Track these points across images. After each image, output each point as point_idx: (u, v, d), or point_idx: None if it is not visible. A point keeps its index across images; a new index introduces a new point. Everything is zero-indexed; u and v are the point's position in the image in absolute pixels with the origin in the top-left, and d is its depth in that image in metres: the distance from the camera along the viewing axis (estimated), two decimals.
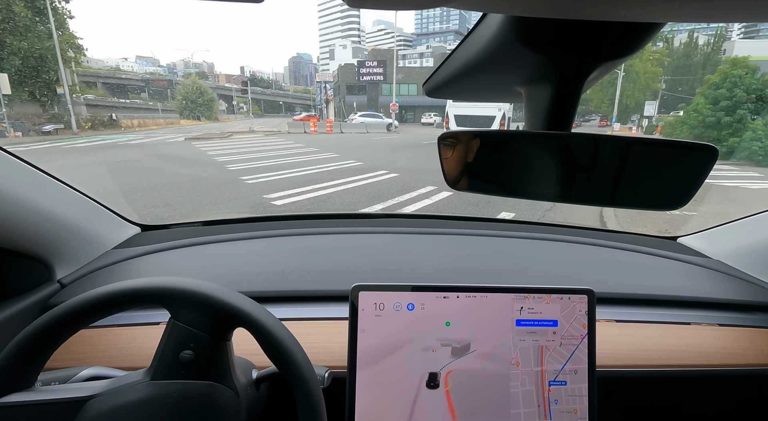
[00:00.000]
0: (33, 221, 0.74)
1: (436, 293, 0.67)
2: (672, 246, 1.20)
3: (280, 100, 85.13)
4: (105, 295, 0.51)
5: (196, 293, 0.52)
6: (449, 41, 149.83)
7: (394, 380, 0.66)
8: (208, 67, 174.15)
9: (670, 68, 36.27)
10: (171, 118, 37.53)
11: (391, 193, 6.57)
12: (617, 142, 0.45)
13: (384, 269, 1.01)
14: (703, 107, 16.19)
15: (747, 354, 0.82)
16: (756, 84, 15.61)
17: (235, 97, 69.51)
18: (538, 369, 0.67)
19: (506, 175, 0.51)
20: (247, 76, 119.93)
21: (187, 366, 0.52)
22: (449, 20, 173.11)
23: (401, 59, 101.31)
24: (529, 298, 0.67)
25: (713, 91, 16.21)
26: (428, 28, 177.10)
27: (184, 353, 0.52)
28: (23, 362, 0.51)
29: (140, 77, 66.50)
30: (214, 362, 0.54)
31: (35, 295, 0.78)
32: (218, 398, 0.53)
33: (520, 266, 1.06)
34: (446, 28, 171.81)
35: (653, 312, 0.90)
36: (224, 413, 0.53)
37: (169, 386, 0.52)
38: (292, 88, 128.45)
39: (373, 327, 0.66)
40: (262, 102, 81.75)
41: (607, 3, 0.27)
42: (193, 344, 0.52)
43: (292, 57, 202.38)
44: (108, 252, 0.99)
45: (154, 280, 0.53)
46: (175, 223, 1.21)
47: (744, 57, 16.24)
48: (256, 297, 0.57)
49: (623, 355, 0.78)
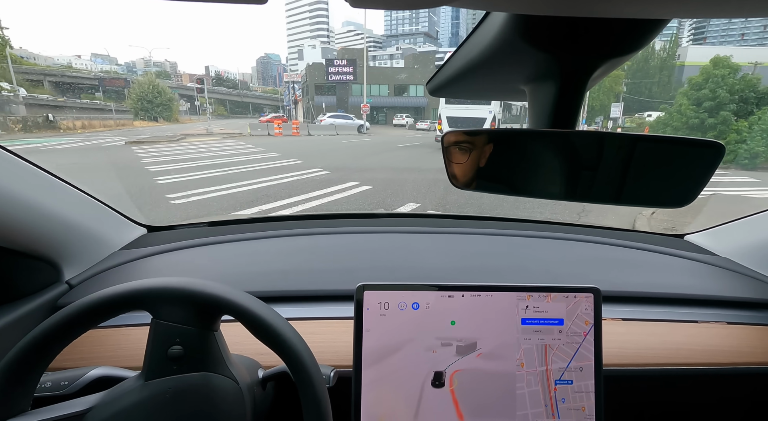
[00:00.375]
0: (41, 223, 0.75)
1: (441, 292, 0.67)
2: (679, 244, 1.20)
3: (248, 101, 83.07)
4: (77, 310, 0.50)
5: (169, 289, 0.52)
6: (419, 43, 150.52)
7: (399, 379, 0.65)
8: (171, 66, 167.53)
9: (630, 72, 37.00)
10: (125, 119, 35.00)
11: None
12: (623, 139, 0.45)
13: (389, 268, 1.01)
14: (686, 108, 15.60)
15: (756, 352, 0.81)
16: (738, 84, 15.11)
17: (197, 97, 66.57)
18: (543, 369, 0.66)
19: (511, 174, 0.51)
20: (212, 75, 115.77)
21: (177, 361, 0.52)
22: (418, 22, 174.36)
23: (372, 60, 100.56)
24: (534, 296, 0.67)
25: (696, 91, 15.64)
26: (398, 29, 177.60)
27: (173, 349, 0.52)
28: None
29: (93, 75, 62.21)
30: (205, 352, 0.54)
31: (44, 296, 0.79)
32: (215, 387, 0.53)
33: (526, 265, 1.06)
34: (416, 29, 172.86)
35: (660, 310, 0.90)
36: (224, 400, 0.53)
37: (163, 383, 0.52)
38: (261, 89, 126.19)
39: (378, 326, 0.66)
40: (228, 103, 79.54)
41: (610, 0, 0.27)
42: (179, 338, 0.52)
43: (260, 57, 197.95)
44: (115, 253, 1.00)
45: (124, 286, 0.52)
46: (181, 223, 1.21)
47: (726, 56, 15.72)
48: (262, 297, 0.56)
49: (630, 353, 0.78)
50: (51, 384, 0.60)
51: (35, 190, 0.75)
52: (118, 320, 0.76)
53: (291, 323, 0.54)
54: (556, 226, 1.28)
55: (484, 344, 0.66)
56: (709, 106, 15.11)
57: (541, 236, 1.18)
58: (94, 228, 0.92)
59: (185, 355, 0.52)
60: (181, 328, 0.52)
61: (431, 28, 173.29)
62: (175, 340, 0.52)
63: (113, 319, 0.56)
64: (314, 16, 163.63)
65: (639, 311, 0.89)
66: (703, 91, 15.34)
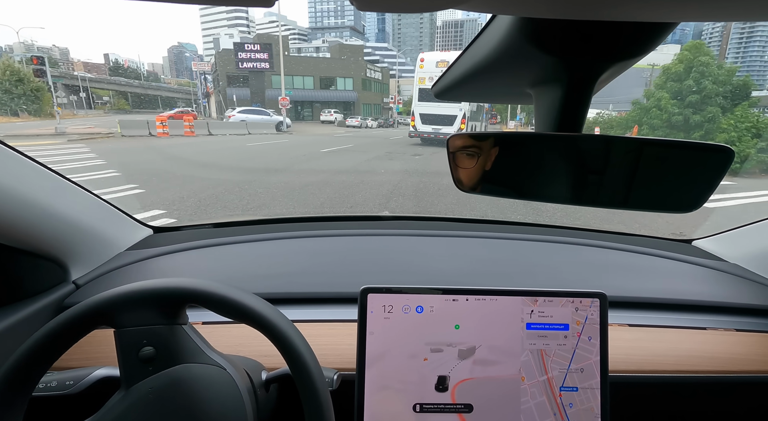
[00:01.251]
0: (48, 223, 0.75)
1: (446, 295, 0.66)
2: (687, 249, 1.18)
3: (156, 94, 74.78)
4: (29, 349, 0.49)
5: (119, 297, 0.51)
6: (345, 37, 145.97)
7: (402, 383, 0.65)
8: (61, 52, 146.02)
9: None
10: None
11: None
12: (630, 143, 0.45)
13: (393, 271, 1.00)
14: (667, 103, 13.08)
15: (766, 360, 0.80)
16: (722, 75, 12.91)
17: (89, 88, 56.54)
18: (545, 378, 0.66)
19: (517, 178, 0.51)
20: (111, 64, 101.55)
21: (151, 361, 0.52)
22: (344, 16, 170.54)
23: (296, 53, 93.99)
24: (539, 301, 0.67)
25: (677, 83, 13.14)
26: (323, 22, 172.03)
27: (143, 351, 0.51)
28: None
29: None
30: (178, 346, 0.53)
31: (51, 295, 0.79)
32: (198, 376, 0.53)
33: (531, 269, 1.05)
34: (341, 23, 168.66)
35: (668, 317, 0.89)
36: (211, 387, 0.52)
37: (143, 386, 0.51)
38: (175, 82, 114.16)
39: (381, 329, 0.65)
40: (130, 96, 68.77)
41: (618, 3, 0.27)
42: (146, 339, 0.52)
43: (173, 46, 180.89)
44: (122, 253, 1.00)
45: (75, 308, 0.51)
46: (186, 225, 1.22)
47: (702, 41, 13.52)
48: (266, 299, 0.56)
49: (637, 360, 0.77)
50: (57, 383, 0.60)
51: (43, 190, 0.76)
52: None
53: (296, 326, 0.54)
54: (562, 230, 1.27)
55: (489, 348, 0.66)
56: (695, 101, 12.72)
57: (548, 240, 1.17)
58: (101, 228, 0.93)
59: (157, 354, 0.52)
60: (146, 329, 0.52)
61: (358, 23, 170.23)
62: (143, 342, 0.51)
63: None
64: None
65: (646, 317, 0.88)
66: (687, 83, 12.92)
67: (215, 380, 0.52)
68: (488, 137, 0.48)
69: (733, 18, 0.29)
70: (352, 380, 0.64)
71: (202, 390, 0.51)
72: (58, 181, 0.81)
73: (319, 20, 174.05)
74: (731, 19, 0.29)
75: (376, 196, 6.26)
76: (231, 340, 0.72)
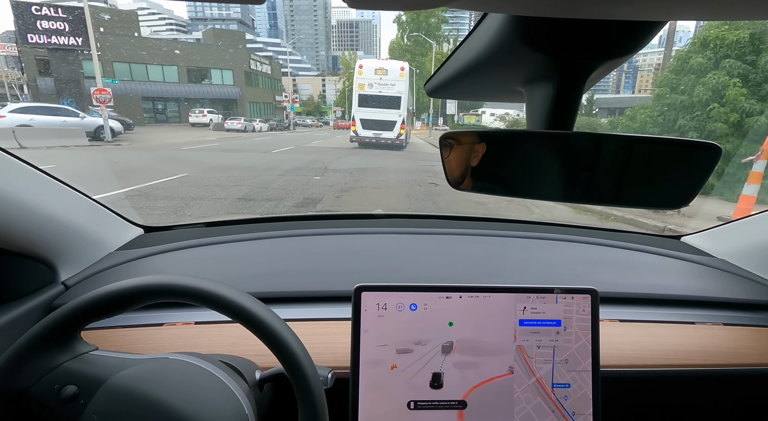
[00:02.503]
0: (37, 223, 0.74)
1: (439, 293, 0.67)
2: (676, 245, 1.20)
3: None
4: None
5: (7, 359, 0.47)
6: (232, 28, 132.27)
7: (397, 381, 0.65)
8: None
9: None
10: None
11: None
12: (620, 140, 0.45)
13: (387, 269, 1.00)
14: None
15: (752, 353, 0.81)
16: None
17: None
18: (538, 376, 0.66)
19: (509, 175, 0.51)
20: None
21: (76, 397, 0.48)
22: (230, 7, 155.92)
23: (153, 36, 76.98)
24: (532, 298, 0.67)
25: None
26: (205, 12, 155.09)
27: (64, 392, 0.48)
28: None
29: None
30: (98, 367, 0.50)
31: (40, 296, 0.78)
32: (139, 375, 0.50)
33: (523, 266, 1.06)
34: (227, 15, 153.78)
35: (657, 312, 0.90)
36: (154, 382, 0.49)
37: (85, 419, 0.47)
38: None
39: (375, 327, 0.65)
40: None
41: (608, 2, 0.27)
42: (57, 383, 0.48)
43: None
44: (112, 253, 0.98)
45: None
46: (178, 224, 1.20)
47: None
48: (259, 298, 0.55)
49: (627, 355, 0.78)
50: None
51: (31, 190, 0.75)
52: (112, 321, 0.75)
53: (289, 325, 0.53)
54: (553, 227, 1.28)
55: (482, 344, 0.66)
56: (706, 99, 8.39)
57: (539, 237, 1.18)
58: (91, 228, 0.91)
59: (79, 386, 0.48)
60: (52, 374, 0.49)
61: (245, 15, 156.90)
62: (55, 387, 0.48)
63: (112, 319, 0.52)
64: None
65: (636, 312, 0.89)
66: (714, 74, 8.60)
67: (156, 373, 0.50)
68: (480, 135, 0.48)
69: (721, 17, 0.30)
70: (347, 378, 0.64)
71: (146, 390, 0.48)
72: (46, 180, 0.80)
73: (200, 10, 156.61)
74: (718, 18, 0.30)
75: None
76: (224, 340, 0.72)
